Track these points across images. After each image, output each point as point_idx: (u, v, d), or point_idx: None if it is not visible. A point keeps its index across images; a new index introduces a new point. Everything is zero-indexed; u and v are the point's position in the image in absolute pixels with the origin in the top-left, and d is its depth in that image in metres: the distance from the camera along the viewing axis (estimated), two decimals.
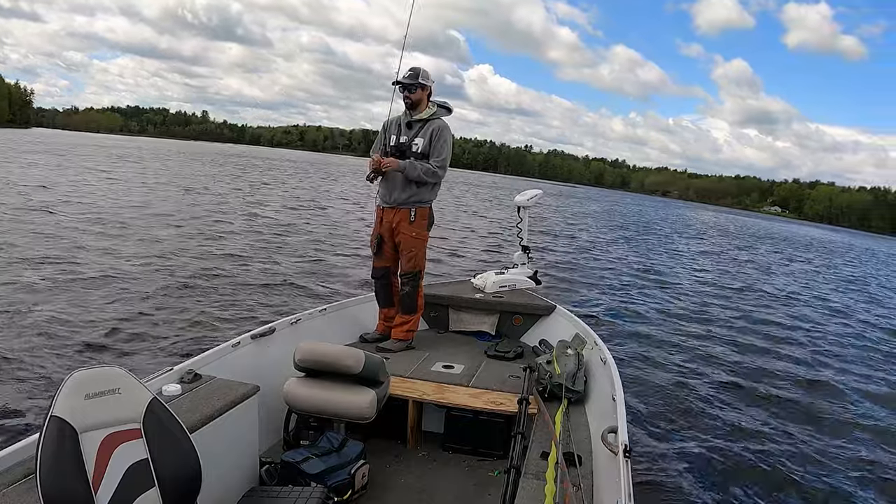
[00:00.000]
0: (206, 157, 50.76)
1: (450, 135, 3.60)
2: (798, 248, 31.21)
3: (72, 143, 51.75)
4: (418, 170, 3.48)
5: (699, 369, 6.33)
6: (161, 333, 5.37)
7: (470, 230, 17.47)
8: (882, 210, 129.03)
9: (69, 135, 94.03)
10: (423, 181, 3.53)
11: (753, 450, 4.46)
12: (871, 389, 6.50)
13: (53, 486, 1.41)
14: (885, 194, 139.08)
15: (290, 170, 46.20)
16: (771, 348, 7.76)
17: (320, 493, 2.10)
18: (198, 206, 15.39)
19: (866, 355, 8.22)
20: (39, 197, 13.73)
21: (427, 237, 3.70)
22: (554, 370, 2.85)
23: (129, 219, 11.87)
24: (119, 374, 1.63)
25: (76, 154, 35.67)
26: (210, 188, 21.58)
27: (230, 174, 32.10)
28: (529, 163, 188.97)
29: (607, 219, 33.46)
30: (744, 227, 48.75)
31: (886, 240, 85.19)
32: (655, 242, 22.32)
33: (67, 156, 32.82)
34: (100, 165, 27.44)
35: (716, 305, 10.40)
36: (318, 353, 2.59)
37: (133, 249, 8.90)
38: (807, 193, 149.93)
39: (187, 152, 59.34)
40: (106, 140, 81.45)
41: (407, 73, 3.52)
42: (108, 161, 31.69)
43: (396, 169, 3.48)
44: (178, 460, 1.65)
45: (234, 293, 7.02)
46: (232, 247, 10.10)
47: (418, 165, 3.49)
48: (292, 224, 14.24)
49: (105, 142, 71.48)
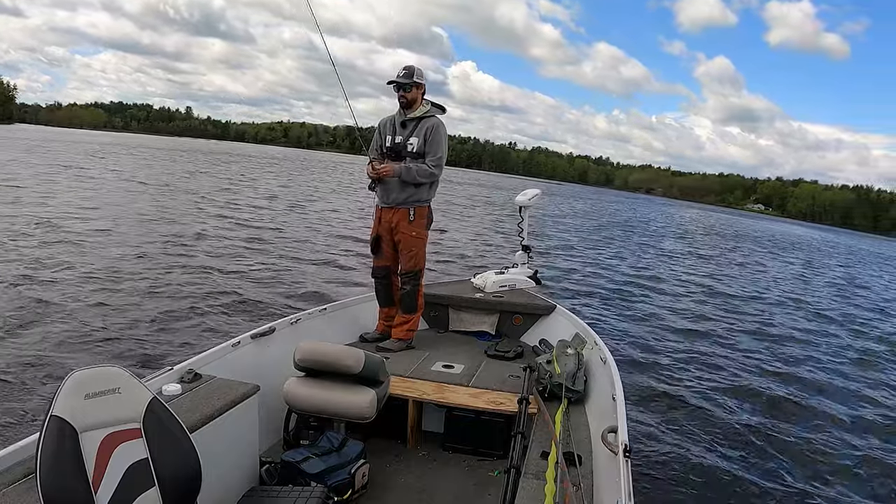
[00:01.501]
0: (198, 155, 50.54)
1: (445, 132, 3.58)
2: (787, 249, 31.21)
3: (75, 139, 51.79)
4: (413, 172, 3.47)
5: (699, 369, 6.33)
6: (161, 333, 5.37)
7: (459, 231, 17.44)
8: (864, 208, 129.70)
9: (58, 131, 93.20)
10: (421, 183, 3.53)
11: (753, 449, 4.47)
12: (870, 387, 6.51)
13: (53, 485, 1.41)
14: (867, 192, 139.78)
15: (276, 167, 45.89)
16: (771, 348, 7.77)
17: (320, 493, 2.10)
18: (198, 207, 15.39)
19: (867, 355, 8.22)
20: (39, 191, 13.73)
21: (426, 236, 3.70)
22: (554, 370, 2.84)
23: (129, 219, 11.87)
24: (119, 374, 1.63)
25: (79, 151, 35.71)
26: (207, 186, 21.59)
27: (226, 172, 32.10)
28: (513, 160, 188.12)
29: (596, 217, 33.39)
30: (730, 225, 48.64)
31: (871, 238, 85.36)
32: (650, 242, 22.33)
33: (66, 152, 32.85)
34: (114, 165, 27.45)
35: (715, 306, 10.41)
36: (318, 352, 2.59)
37: (133, 249, 8.90)
38: (790, 191, 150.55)
39: (179, 149, 58.97)
40: (99, 137, 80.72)
41: (402, 71, 3.51)
42: (119, 159, 31.71)
43: (393, 175, 3.48)
44: (178, 460, 1.65)
45: (233, 293, 7.02)
46: (232, 246, 10.10)
47: (413, 168, 3.47)
48: (291, 223, 14.24)
49: (102, 138, 71.31)
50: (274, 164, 47.02)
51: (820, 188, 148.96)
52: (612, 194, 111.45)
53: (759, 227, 57.14)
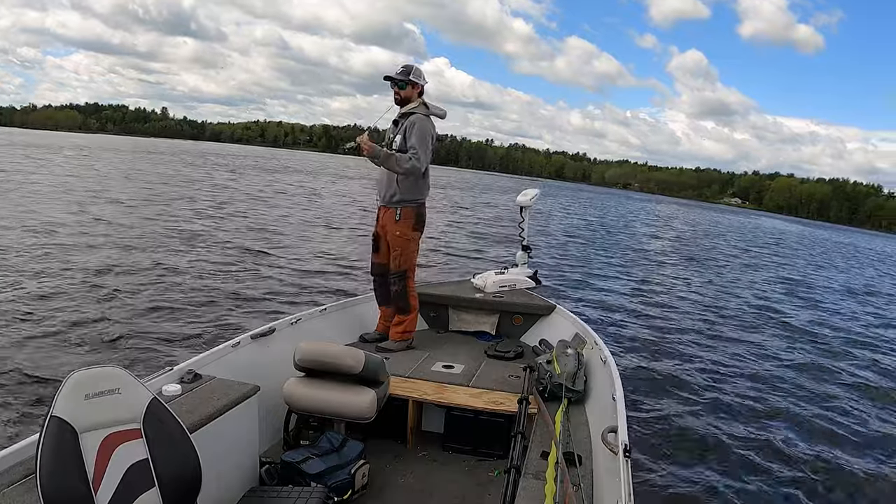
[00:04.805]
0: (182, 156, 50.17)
1: (426, 127, 3.51)
2: (780, 244, 31.22)
3: (78, 145, 51.74)
4: (393, 160, 3.43)
5: (700, 369, 6.33)
6: (161, 333, 5.37)
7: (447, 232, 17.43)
8: (840, 201, 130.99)
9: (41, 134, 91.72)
10: (395, 171, 3.48)
11: (753, 449, 4.46)
12: (869, 383, 6.51)
13: (53, 486, 1.41)
14: (843, 185, 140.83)
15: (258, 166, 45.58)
16: (771, 348, 7.76)
17: (320, 493, 2.10)
18: (197, 206, 15.39)
19: (867, 356, 8.22)
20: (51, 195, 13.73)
21: (414, 237, 3.66)
22: (554, 370, 2.84)
23: (129, 219, 11.88)
24: (119, 374, 1.63)
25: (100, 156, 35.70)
26: (202, 187, 21.60)
27: (216, 172, 32.08)
28: (491, 156, 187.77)
29: (584, 215, 33.34)
30: (716, 222, 48.59)
31: (849, 231, 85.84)
32: (646, 241, 22.33)
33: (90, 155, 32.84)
34: (107, 165, 27.44)
35: (715, 306, 10.40)
36: (318, 352, 2.59)
37: (133, 249, 8.90)
38: (766, 185, 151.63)
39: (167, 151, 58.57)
40: (76, 139, 79.37)
41: (399, 69, 3.55)
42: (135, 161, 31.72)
43: (371, 153, 3.44)
44: (178, 460, 1.65)
45: (233, 293, 7.02)
46: (232, 246, 10.10)
47: (394, 156, 3.44)
48: (291, 223, 14.24)
49: (79, 140, 70.37)
50: (284, 171, 46.60)
51: (797, 181, 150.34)
52: (590, 190, 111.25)
53: (742, 221, 57.30)
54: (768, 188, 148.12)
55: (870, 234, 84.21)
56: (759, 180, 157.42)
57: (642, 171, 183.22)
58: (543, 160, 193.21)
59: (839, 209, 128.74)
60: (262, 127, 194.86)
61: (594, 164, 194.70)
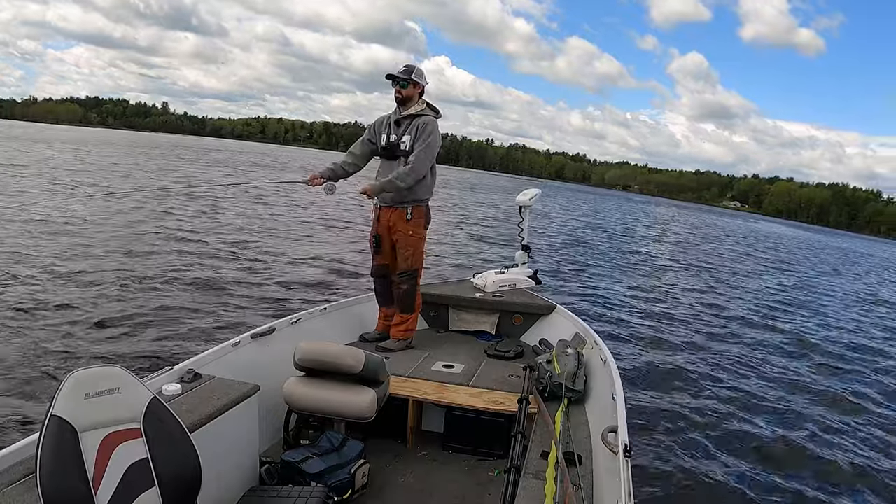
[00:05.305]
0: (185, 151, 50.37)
1: (435, 130, 3.53)
2: (779, 248, 31.19)
3: (79, 139, 51.74)
4: (394, 183, 3.44)
5: (699, 369, 6.33)
6: (161, 333, 5.37)
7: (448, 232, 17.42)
8: (840, 206, 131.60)
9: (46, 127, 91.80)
10: (402, 190, 3.49)
11: (754, 449, 4.47)
12: (869, 383, 6.51)
13: (53, 485, 1.41)
14: (842, 190, 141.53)
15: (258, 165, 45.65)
16: (772, 348, 7.77)
17: (320, 493, 2.11)
18: (196, 206, 15.38)
19: (867, 357, 8.22)
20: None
21: (424, 235, 3.69)
22: (554, 370, 2.84)
23: (129, 219, 11.87)
24: (119, 374, 1.63)
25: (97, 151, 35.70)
26: (208, 185, 21.58)
27: (215, 169, 32.08)
28: (491, 156, 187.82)
29: (585, 216, 33.32)
30: (715, 225, 48.63)
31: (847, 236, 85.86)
32: (645, 242, 22.33)
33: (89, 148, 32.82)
34: (116, 160, 27.44)
35: (715, 306, 10.40)
36: (318, 352, 2.59)
37: (133, 249, 8.90)
38: (766, 188, 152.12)
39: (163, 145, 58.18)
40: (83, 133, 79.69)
41: (402, 68, 3.53)
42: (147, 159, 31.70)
43: (372, 194, 3.49)
44: (178, 460, 1.65)
45: (233, 293, 7.02)
46: (232, 246, 10.10)
47: (392, 177, 3.44)
48: (291, 222, 14.23)
49: (86, 134, 70.76)
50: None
51: (796, 185, 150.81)
52: (590, 191, 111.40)
53: (741, 224, 57.21)
54: (768, 192, 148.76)
55: (869, 240, 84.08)
56: (759, 184, 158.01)
57: (642, 172, 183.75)
58: (544, 161, 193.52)
59: (839, 214, 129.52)
60: (263, 123, 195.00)
61: (594, 166, 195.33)
